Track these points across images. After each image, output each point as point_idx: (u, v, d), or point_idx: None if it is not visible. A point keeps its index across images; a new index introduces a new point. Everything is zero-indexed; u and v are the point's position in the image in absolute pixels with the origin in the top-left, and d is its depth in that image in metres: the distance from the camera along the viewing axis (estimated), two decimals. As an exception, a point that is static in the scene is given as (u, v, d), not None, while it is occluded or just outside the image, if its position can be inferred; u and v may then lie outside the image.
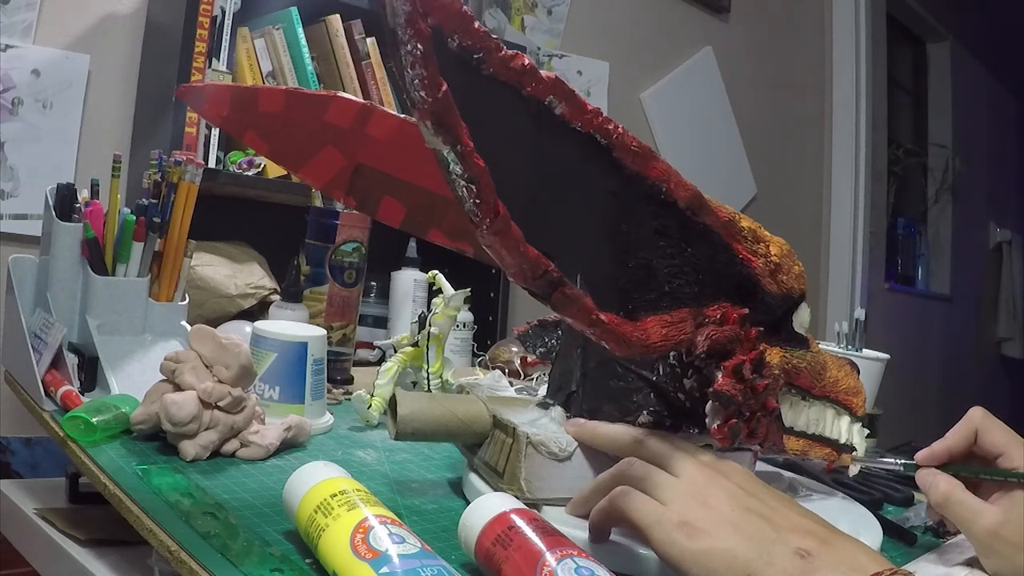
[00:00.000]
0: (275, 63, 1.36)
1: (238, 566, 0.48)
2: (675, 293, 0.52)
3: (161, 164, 0.85)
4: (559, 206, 0.46)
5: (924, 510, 0.73)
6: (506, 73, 0.42)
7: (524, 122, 0.43)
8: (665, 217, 0.51)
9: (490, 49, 0.41)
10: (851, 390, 0.68)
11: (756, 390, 0.55)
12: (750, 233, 0.57)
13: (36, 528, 0.79)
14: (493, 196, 0.40)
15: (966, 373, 3.63)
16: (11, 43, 1.29)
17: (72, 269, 0.82)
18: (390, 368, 0.84)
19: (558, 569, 0.43)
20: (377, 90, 1.45)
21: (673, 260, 0.52)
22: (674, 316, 0.51)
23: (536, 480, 0.57)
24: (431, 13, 0.38)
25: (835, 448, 0.67)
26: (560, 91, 0.44)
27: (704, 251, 0.53)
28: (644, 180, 0.49)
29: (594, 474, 0.57)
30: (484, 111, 0.41)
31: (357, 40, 1.44)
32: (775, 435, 0.61)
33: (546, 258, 0.43)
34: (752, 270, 0.57)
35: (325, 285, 1.04)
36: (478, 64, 0.41)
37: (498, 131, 0.42)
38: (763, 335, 0.58)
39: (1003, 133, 4.05)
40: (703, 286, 0.53)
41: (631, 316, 0.49)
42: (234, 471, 0.65)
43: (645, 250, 0.50)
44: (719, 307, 0.54)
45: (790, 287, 0.61)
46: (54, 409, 0.75)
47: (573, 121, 0.45)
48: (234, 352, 0.69)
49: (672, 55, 2.32)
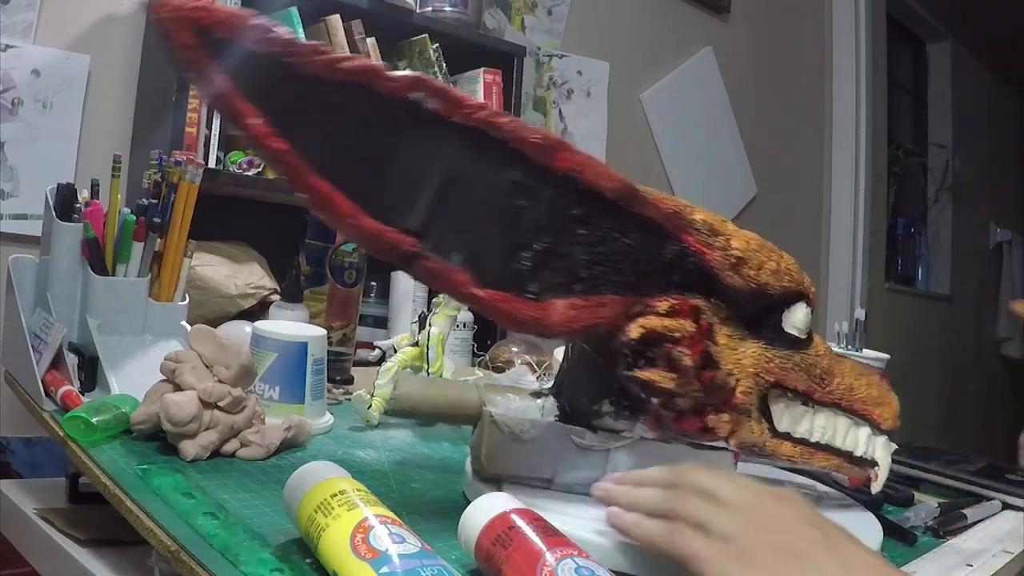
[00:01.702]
0: (275, 63, 1.36)
1: (238, 566, 0.48)
2: (595, 279, 0.53)
3: (161, 164, 0.85)
4: (438, 192, 0.49)
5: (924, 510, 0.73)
6: (333, 72, 0.46)
7: (380, 114, 0.47)
8: (588, 207, 0.53)
9: (302, 52, 0.45)
10: (871, 400, 0.64)
11: (703, 382, 0.55)
12: (705, 225, 0.57)
13: (36, 528, 0.79)
14: (305, 173, 0.45)
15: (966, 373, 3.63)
16: (11, 43, 1.29)
17: (72, 269, 0.82)
18: (390, 368, 0.84)
19: (558, 569, 0.43)
20: (377, 90, 1.45)
21: (597, 248, 0.53)
22: (589, 300, 0.53)
23: (495, 456, 0.59)
24: (191, 22, 0.43)
25: (850, 461, 0.64)
26: (427, 88, 0.48)
27: (648, 242, 0.55)
28: (552, 171, 0.51)
29: (552, 459, 0.59)
30: (308, 105, 0.45)
31: (357, 40, 1.44)
32: (753, 436, 0.59)
33: (401, 234, 0.47)
34: (707, 262, 0.57)
35: (325, 285, 1.04)
36: (291, 65, 0.45)
37: (332, 121, 0.46)
38: (741, 332, 0.59)
39: (1003, 133, 4.04)
40: (646, 276, 0.55)
41: (536, 296, 0.51)
42: (234, 471, 0.65)
43: (554, 237, 0.52)
44: (669, 298, 0.55)
45: (762, 282, 0.59)
46: (54, 409, 0.75)
47: (450, 115, 0.48)
48: (234, 352, 0.69)
49: (672, 55, 2.32)
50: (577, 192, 0.52)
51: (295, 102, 0.46)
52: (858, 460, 0.65)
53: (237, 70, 0.44)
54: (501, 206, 0.50)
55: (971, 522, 0.74)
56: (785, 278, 0.60)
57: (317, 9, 1.41)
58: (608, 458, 0.60)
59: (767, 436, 0.61)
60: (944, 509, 0.75)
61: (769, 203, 2.58)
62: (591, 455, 0.60)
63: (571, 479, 0.60)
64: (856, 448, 0.64)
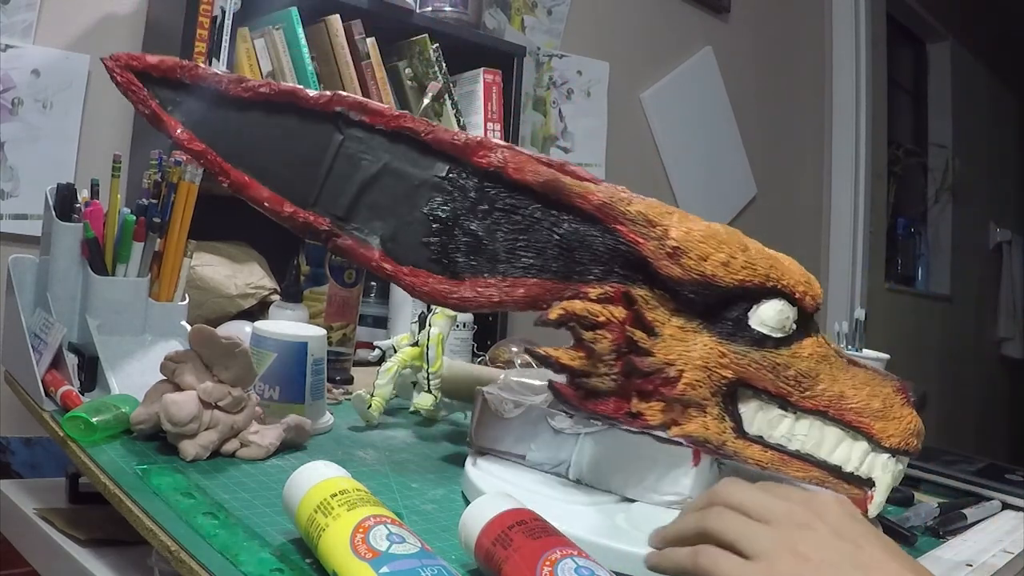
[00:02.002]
0: (275, 63, 1.36)
1: (238, 566, 0.48)
2: (518, 263, 0.59)
3: (161, 164, 0.85)
4: (364, 184, 0.59)
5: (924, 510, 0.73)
6: (254, 95, 0.59)
7: (307, 125, 0.59)
8: (518, 199, 0.59)
9: (219, 81, 0.59)
10: (870, 412, 0.59)
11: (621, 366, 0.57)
12: (640, 216, 0.59)
13: (36, 528, 0.79)
14: (225, 167, 0.59)
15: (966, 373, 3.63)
16: (11, 43, 1.29)
17: (72, 269, 0.82)
18: (390, 368, 0.84)
19: (558, 569, 0.43)
20: (377, 90, 1.45)
21: (521, 236, 0.59)
22: (504, 281, 0.59)
23: (481, 430, 0.67)
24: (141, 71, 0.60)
25: (837, 476, 0.59)
26: (345, 103, 0.59)
27: (585, 232, 0.59)
28: (475, 168, 0.58)
29: (528, 438, 0.64)
30: (238, 119, 0.59)
31: (357, 40, 1.44)
32: (707, 432, 0.58)
33: (315, 216, 0.59)
34: (640, 252, 0.58)
35: (325, 285, 1.04)
36: (219, 91, 0.59)
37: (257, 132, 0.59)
38: (695, 324, 0.59)
39: (1003, 133, 4.04)
40: (582, 264, 0.59)
41: (453, 275, 0.59)
42: (234, 471, 0.65)
43: (474, 224, 0.59)
44: (606, 285, 0.59)
45: (708, 274, 0.58)
46: (54, 409, 0.75)
47: (376, 124, 0.58)
48: (234, 352, 0.69)
49: (672, 55, 2.32)
50: (507, 185, 0.58)
51: (221, 120, 0.60)
52: (848, 476, 0.60)
53: (168, 98, 0.60)
54: (425, 196, 0.58)
55: (971, 522, 0.74)
56: (742, 271, 0.58)
57: (317, 9, 1.41)
58: (577, 442, 0.63)
59: (729, 435, 0.59)
60: (944, 509, 0.75)
61: (769, 203, 2.58)
62: (563, 438, 0.63)
63: (541, 458, 0.64)
64: (847, 463, 0.59)
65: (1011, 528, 0.75)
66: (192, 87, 0.59)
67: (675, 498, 0.60)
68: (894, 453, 0.59)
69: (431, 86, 1.53)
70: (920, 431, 0.59)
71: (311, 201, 0.59)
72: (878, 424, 0.59)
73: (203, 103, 0.59)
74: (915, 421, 0.59)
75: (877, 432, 0.59)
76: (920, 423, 0.60)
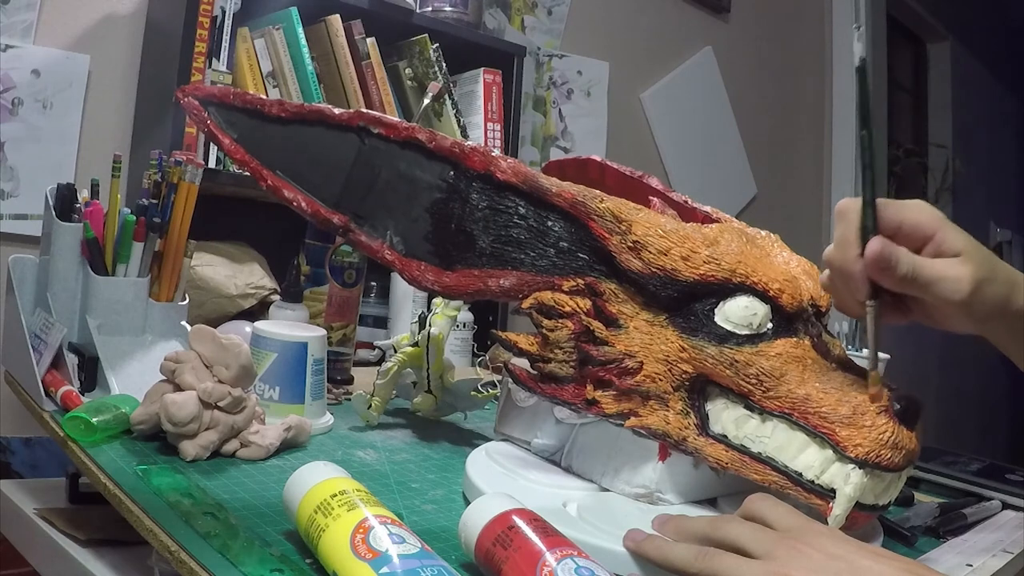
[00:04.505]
0: (275, 63, 1.36)
1: (238, 566, 0.48)
2: (501, 256, 0.63)
3: (161, 164, 0.85)
4: (379, 187, 0.66)
5: (924, 510, 0.73)
6: (291, 114, 0.67)
7: (335, 136, 0.67)
8: (507, 197, 0.63)
9: (263, 104, 0.68)
10: (836, 418, 0.55)
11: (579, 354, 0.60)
12: (608, 212, 0.61)
13: (36, 528, 0.79)
14: (263, 173, 0.68)
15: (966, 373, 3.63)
16: (11, 43, 1.28)
17: (72, 269, 0.82)
18: (390, 368, 0.84)
19: (558, 569, 0.43)
20: (377, 90, 1.45)
21: (508, 231, 0.63)
22: (484, 272, 0.64)
23: (503, 418, 0.72)
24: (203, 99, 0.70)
25: (797, 483, 0.56)
26: (366, 118, 0.66)
27: (563, 228, 0.62)
28: (470, 170, 0.64)
29: (535, 426, 0.68)
30: (276, 133, 0.68)
31: (357, 40, 1.44)
32: (666, 426, 0.58)
33: (334, 212, 0.66)
34: (606, 246, 0.61)
35: (325, 285, 1.04)
36: (262, 112, 0.68)
37: (296, 144, 0.68)
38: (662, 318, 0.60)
39: (1003, 133, 4.04)
40: (563, 258, 0.62)
41: (447, 267, 0.65)
42: (234, 471, 0.65)
43: (469, 222, 0.64)
44: (578, 279, 0.62)
45: (668, 268, 0.59)
46: (54, 409, 0.75)
47: (391, 136, 0.65)
48: (234, 352, 0.69)
49: (672, 55, 2.32)
50: (498, 185, 0.63)
51: (263, 134, 0.69)
52: (808, 485, 0.56)
53: (223, 118, 0.69)
54: (427, 200, 0.65)
55: (971, 522, 0.74)
56: (703, 266, 0.58)
57: (317, 9, 1.41)
58: (572, 431, 0.66)
59: (691, 431, 0.59)
60: (944, 509, 0.75)
61: (769, 203, 2.58)
62: (562, 427, 0.67)
63: (540, 446, 0.68)
64: (809, 471, 0.56)
65: (1011, 528, 0.75)
66: (241, 109, 0.69)
67: (641, 490, 0.61)
68: (862, 464, 0.54)
69: (431, 86, 1.53)
70: (898, 443, 0.54)
71: (335, 201, 0.67)
72: (844, 431, 0.54)
73: (249, 121, 0.69)
74: (890, 431, 0.54)
75: (842, 439, 0.54)
76: (901, 434, 0.54)
